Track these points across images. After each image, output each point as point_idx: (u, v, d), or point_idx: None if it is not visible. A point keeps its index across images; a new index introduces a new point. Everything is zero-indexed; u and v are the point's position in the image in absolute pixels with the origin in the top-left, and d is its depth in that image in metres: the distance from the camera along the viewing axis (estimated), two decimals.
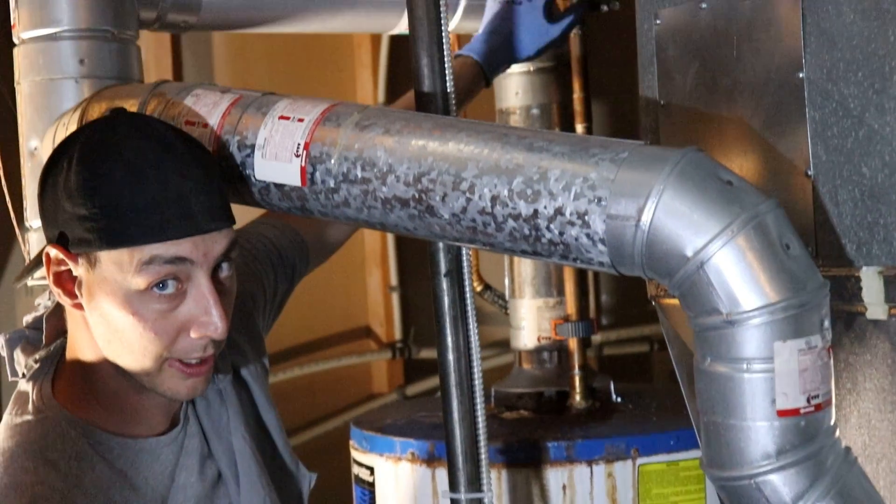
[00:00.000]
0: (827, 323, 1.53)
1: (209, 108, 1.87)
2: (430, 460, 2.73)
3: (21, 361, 1.75)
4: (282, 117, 1.80)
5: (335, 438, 4.05)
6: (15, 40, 2.28)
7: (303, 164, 1.77)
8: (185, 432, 1.76)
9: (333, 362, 4.28)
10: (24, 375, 1.74)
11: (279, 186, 1.80)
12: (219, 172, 1.71)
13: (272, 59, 4.17)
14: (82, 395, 1.69)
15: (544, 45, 2.42)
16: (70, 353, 1.72)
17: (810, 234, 1.86)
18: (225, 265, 1.66)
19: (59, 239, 1.62)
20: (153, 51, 3.81)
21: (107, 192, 1.57)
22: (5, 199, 2.37)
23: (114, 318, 1.62)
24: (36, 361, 1.73)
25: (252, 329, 1.99)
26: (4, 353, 1.79)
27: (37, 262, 1.78)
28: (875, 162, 1.77)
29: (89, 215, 1.57)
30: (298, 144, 1.77)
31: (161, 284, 1.60)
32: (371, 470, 2.86)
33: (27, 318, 1.82)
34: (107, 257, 1.59)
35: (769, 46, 1.92)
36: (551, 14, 2.42)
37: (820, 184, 1.86)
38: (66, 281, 1.65)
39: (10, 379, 1.78)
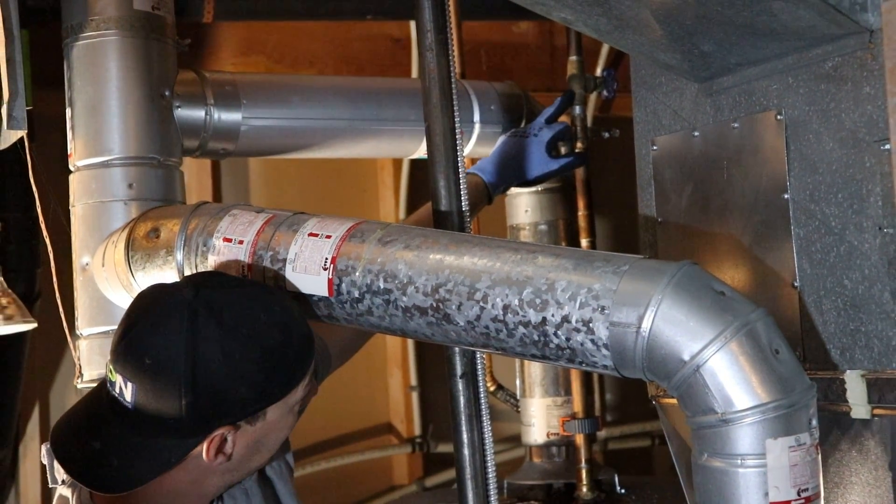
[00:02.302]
0: (815, 422, 1.51)
1: (245, 227, 1.87)
2: None
3: (61, 469, 1.71)
4: (311, 234, 1.81)
5: None
6: (71, 167, 2.29)
7: (330, 276, 1.76)
8: None
9: (357, 456, 4.24)
10: (63, 482, 1.71)
11: (308, 297, 1.79)
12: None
13: (303, 182, 4.19)
14: (122, 501, 1.64)
15: (543, 174, 2.53)
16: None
17: (798, 340, 1.84)
18: None
19: (226, 423, 1.58)
20: (195, 175, 3.83)
21: (262, 363, 1.59)
22: (59, 309, 2.37)
23: (270, 442, 1.66)
24: None
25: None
26: (46, 462, 1.77)
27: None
28: (856, 275, 1.77)
29: (267, 378, 1.59)
30: (326, 259, 1.77)
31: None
32: None
33: None
34: (272, 408, 1.62)
35: (756, 170, 1.92)
36: (554, 151, 2.54)
37: (806, 294, 1.85)
38: (219, 448, 1.60)
39: (50, 485, 1.76)
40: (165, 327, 1.55)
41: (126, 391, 1.55)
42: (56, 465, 1.73)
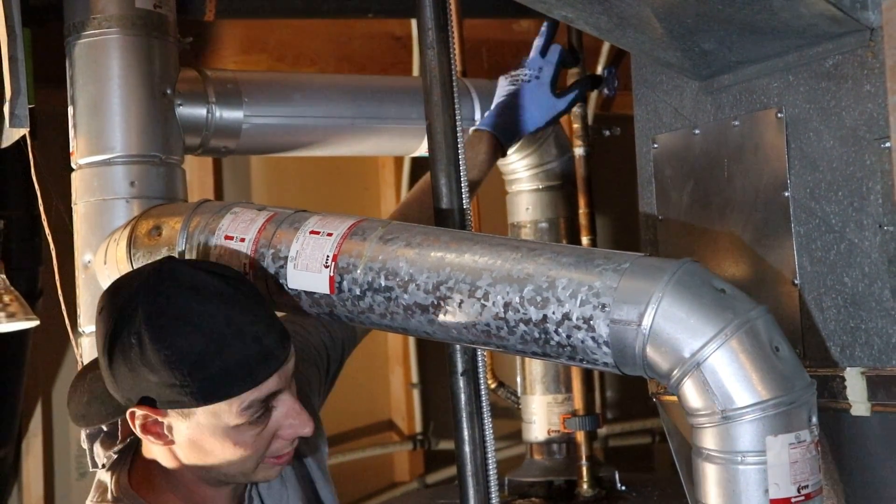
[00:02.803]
0: (815, 419, 1.52)
1: (246, 225, 1.87)
2: None
3: (100, 453, 1.77)
4: (312, 232, 1.80)
5: None
6: (73, 165, 2.29)
7: (331, 274, 1.76)
8: None
9: (359, 453, 4.24)
10: (103, 466, 1.75)
11: (310, 294, 1.79)
12: (260, 294, 1.70)
13: (305, 180, 4.20)
14: (156, 485, 1.70)
15: (552, 117, 2.43)
16: (145, 450, 1.72)
17: (798, 337, 1.84)
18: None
19: (144, 401, 1.59)
20: (197, 173, 3.83)
21: (191, 360, 1.55)
22: (62, 307, 2.38)
23: (213, 450, 1.63)
24: (115, 454, 1.74)
25: (310, 413, 1.98)
26: (86, 446, 1.82)
27: (110, 414, 1.70)
28: (856, 272, 1.77)
29: (181, 383, 1.55)
30: (327, 256, 1.77)
31: (256, 415, 1.62)
32: None
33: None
34: (202, 410, 1.59)
35: (757, 168, 1.92)
36: (557, 90, 2.43)
37: (806, 292, 1.85)
38: (154, 428, 1.63)
39: (90, 469, 1.81)
40: (125, 290, 1.61)
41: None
42: (96, 449, 1.78)
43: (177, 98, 2.34)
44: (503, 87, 2.46)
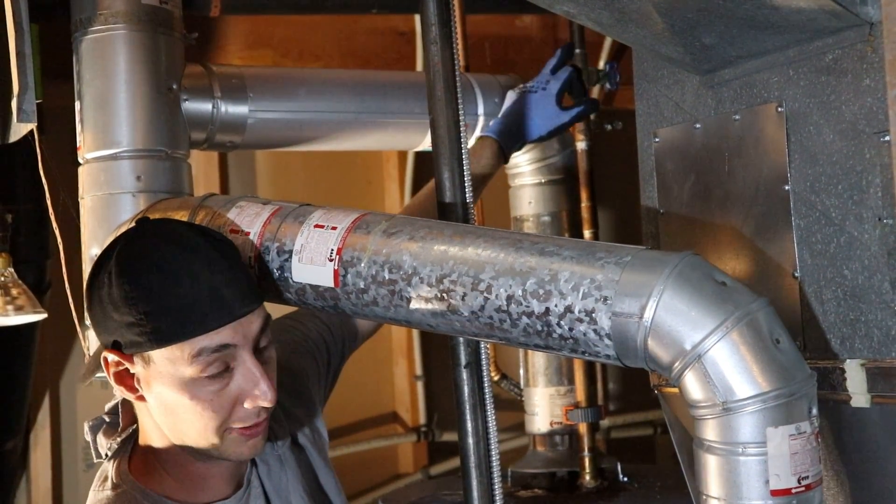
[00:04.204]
0: (815, 410, 1.51)
1: (251, 218, 1.88)
2: None
3: (103, 444, 1.78)
4: (317, 226, 1.80)
5: None
6: (80, 160, 2.29)
7: (336, 267, 1.76)
8: (250, 494, 1.78)
9: (363, 445, 4.25)
10: (106, 456, 1.77)
11: (314, 287, 1.79)
12: (241, 260, 1.73)
13: (309, 174, 4.20)
14: (154, 469, 1.72)
15: (554, 128, 2.47)
16: (141, 436, 1.75)
17: (798, 329, 1.84)
18: (263, 337, 1.69)
19: (113, 345, 1.65)
20: (202, 167, 3.83)
21: (147, 299, 1.60)
22: (69, 300, 2.38)
23: (174, 404, 1.65)
24: (116, 443, 1.77)
25: (307, 400, 2.01)
26: (89, 438, 1.82)
27: (96, 364, 1.80)
28: (856, 265, 1.76)
29: (137, 322, 1.60)
30: (332, 250, 1.77)
31: (212, 368, 1.62)
32: None
33: (107, 406, 1.85)
34: (159, 355, 1.62)
35: (757, 162, 1.92)
36: (563, 105, 2.47)
37: (806, 285, 1.84)
38: (125, 378, 1.68)
39: (94, 460, 1.81)
40: (115, 239, 1.70)
41: None
42: (99, 439, 1.79)
43: (182, 93, 2.34)
44: (510, 97, 2.52)
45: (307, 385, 2.02)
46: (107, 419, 1.83)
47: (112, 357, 1.66)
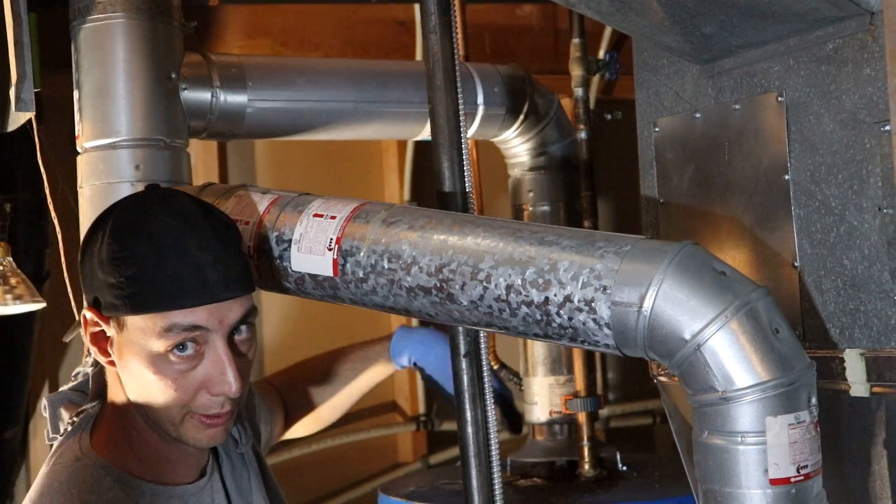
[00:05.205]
0: (814, 400, 1.51)
1: (251, 208, 1.87)
2: None
3: (65, 418, 1.75)
4: (316, 215, 1.80)
5: None
6: (79, 149, 2.29)
7: (335, 256, 1.76)
8: (212, 485, 1.76)
9: (363, 434, 4.25)
10: (67, 429, 1.73)
11: (313, 277, 1.79)
12: (239, 245, 1.71)
13: (309, 163, 4.19)
14: (118, 445, 1.69)
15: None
16: (109, 408, 1.72)
17: (798, 319, 1.84)
18: (243, 328, 1.66)
19: (94, 303, 1.64)
20: (202, 156, 3.83)
21: (132, 264, 1.59)
22: (68, 289, 2.38)
23: (140, 375, 1.63)
24: (78, 415, 1.74)
25: (256, 432, 2.01)
26: (46, 414, 1.79)
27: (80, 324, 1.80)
28: (855, 255, 1.76)
29: (117, 283, 1.59)
30: (331, 239, 1.77)
31: (181, 347, 1.60)
32: None
33: (67, 386, 1.84)
34: (133, 322, 1.60)
35: (757, 151, 1.92)
36: None
37: (806, 274, 1.84)
38: (100, 340, 1.67)
39: (51, 435, 1.78)
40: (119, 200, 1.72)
41: None
42: (60, 414, 1.77)
43: (181, 82, 2.33)
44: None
45: (259, 426, 2.05)
46: (69, 395, 1.80)
47: (90, 316, 1.65)
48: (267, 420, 2.09)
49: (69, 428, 1.73)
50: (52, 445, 1.76)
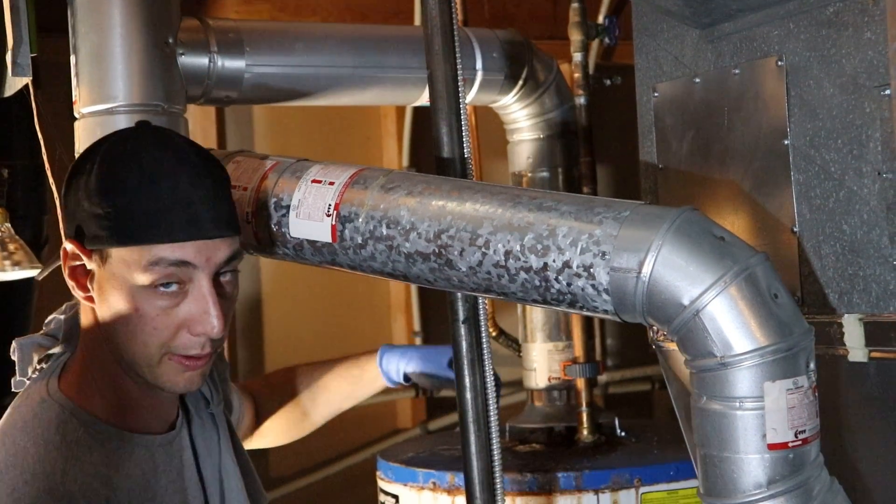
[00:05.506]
0: (812, 365, 1.52)
1: (249, 173, 1.87)
2: (450, 489, 2.70)
3: (34, 363, 1.72)
4: (314, 181, 1.80)
5: (363, 470, 4.03)
6: (76, 115, 2.28)
7: (333, 222, 1.76)
8: (181, 441, 1.72)
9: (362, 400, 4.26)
10: (35, 372, 1.71)
11: (312, 243, 1.79)
12: (229, 187, 1.67)
13: (307, 129, 4.18)
14: (87, 389, 1.64)
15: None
16: (80, 350, 1.69)
17: (796, 284, 1.84)
18: (227, 272, 1.63)
19: (76, 235, 1.61)
20: (199, 122, 3.82)
21: (121, 194, 1.55)
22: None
23: (119, 311, 1.58)
24: (47, 359, 1.71)
25: (227, 401, 1.99)
26: (16, 357, 1.77)
27: (57, 259, 1.77)
28: (854, 220, 1.76)
29: (104, 214, 1.55)
30: (329, 205, 1.77)
31: (164, 283, 1.57)
32: (396, 498, 2.83)
33: (41, 333, 1.80)
34: (117, 254, 1.57)
35: (757, 116, 1.91)
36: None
37: (805, 239, 1.84)
38: (79, 275, 1.63)
39: (17, 378, 1.76)
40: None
41: None
42: (33, 357, 1.74)
43: (179, 47, 2.32)
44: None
45: (229, 395, 2.03)
46: (39, 339, 1.77)
47: (71, 248, 1.61)
48: (238, 399, 2.07)
49: (37, 372, 1.70)
50: (18, 390, 1.73)
